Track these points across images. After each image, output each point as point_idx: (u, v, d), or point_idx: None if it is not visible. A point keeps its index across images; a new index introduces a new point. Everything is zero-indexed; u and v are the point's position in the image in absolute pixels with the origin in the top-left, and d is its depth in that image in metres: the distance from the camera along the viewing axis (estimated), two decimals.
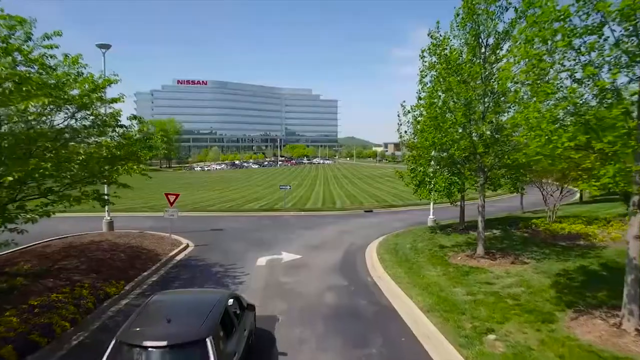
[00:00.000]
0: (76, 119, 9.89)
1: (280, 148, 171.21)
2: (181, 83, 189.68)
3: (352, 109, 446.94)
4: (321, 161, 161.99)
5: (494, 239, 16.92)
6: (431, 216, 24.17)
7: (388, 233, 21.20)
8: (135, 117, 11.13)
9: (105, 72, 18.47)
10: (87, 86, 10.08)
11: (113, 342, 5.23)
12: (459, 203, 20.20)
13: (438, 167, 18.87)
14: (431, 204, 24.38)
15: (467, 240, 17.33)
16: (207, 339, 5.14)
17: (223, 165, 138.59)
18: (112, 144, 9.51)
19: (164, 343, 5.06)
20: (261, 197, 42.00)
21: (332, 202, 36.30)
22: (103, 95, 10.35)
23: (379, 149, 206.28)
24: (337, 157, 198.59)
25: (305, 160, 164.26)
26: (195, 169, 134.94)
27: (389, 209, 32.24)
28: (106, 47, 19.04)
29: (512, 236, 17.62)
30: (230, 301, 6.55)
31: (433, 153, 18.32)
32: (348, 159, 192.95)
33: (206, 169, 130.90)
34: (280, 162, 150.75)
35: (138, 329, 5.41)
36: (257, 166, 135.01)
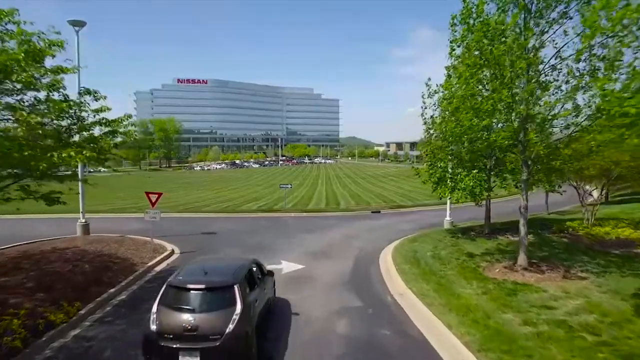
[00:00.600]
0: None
1: (281, 148, 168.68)
2: (181, 82, 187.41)
3: (353, 109, 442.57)
4: (323, 161, 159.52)
5: (530, 246, 14.36)
6: (448, 218, 21.72)
7: (401, 237, 18.73)
8: (89, 92, 8.64)
9: (79, 55, 16.26)
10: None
11: (164, 287, 6.76)
12: (483, 203, 17.68)
13: (460, 162, 16.42)
14: (448, 204, 21.91)
15: (497, 247, 14.82)
16: (234, 286, 6.62)
17: (223, 165, 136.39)
18: (32, 118, 7.02)
19: (203, 286, 6.56)
20: (260, 197, 39.54)
21: (336, 203, 33.80)
22: (43, 64, 7.83)
23: (381, 149, 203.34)
24: (338, 156, 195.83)
25: (306, 160, 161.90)
26: (195, 168, 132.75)
27: (398, 210, 29.74)
28: (80, 24, 16.58)
29: (550, 242, 15.11)
30: (254, 266, 8.02)
31: (452, 147, 15.99)
32: (350, 158, 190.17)
33: (206, 168, 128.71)
34: (281, 162, 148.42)
35: (182, 277, 6.97)
36: (257, 166, 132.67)
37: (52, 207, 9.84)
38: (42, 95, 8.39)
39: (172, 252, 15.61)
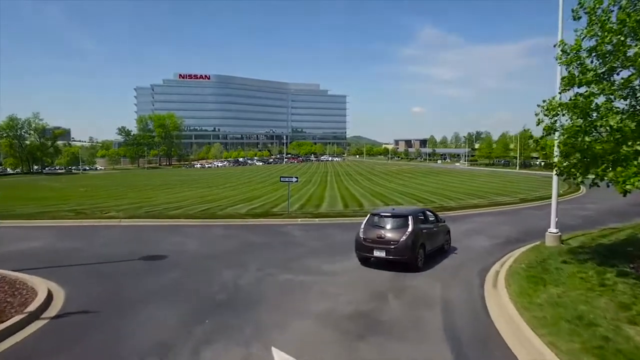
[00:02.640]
0: None
1: (286, 145, 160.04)
2: (183, 77, 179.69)
3: (358, 109, 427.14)
4: (329, 158, 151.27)
5: None
6: (553, 229, 13.18)
7: (491, 264, 10.55)
8: None
9: None
10: None
11: (368, 215, 11.19)
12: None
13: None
14: (553, 204, 13.40)
15: None
16: (409, 216, 10.54)
17: (226, 163, 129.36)
18: None
19: (390, 214, 10.84)
20: (257, 196, 31.19)
21: (358, 204, 25.18)
22: None
23: (390, 147, 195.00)
24: (345, 154, 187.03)
25: (312, 158, 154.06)
26: (196, 166, 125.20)
27: (443, 213, 21.04)
28: None
29: None
30: (426, 210, 12.18)
31: None
32: (357, 156, 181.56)
33: (207, 166, 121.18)
34: (286, 160, 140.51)
35: (381, 209, 12.32)
36: (261, 164, 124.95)
37: None
38: None
39: (42, 308, 7.22)
